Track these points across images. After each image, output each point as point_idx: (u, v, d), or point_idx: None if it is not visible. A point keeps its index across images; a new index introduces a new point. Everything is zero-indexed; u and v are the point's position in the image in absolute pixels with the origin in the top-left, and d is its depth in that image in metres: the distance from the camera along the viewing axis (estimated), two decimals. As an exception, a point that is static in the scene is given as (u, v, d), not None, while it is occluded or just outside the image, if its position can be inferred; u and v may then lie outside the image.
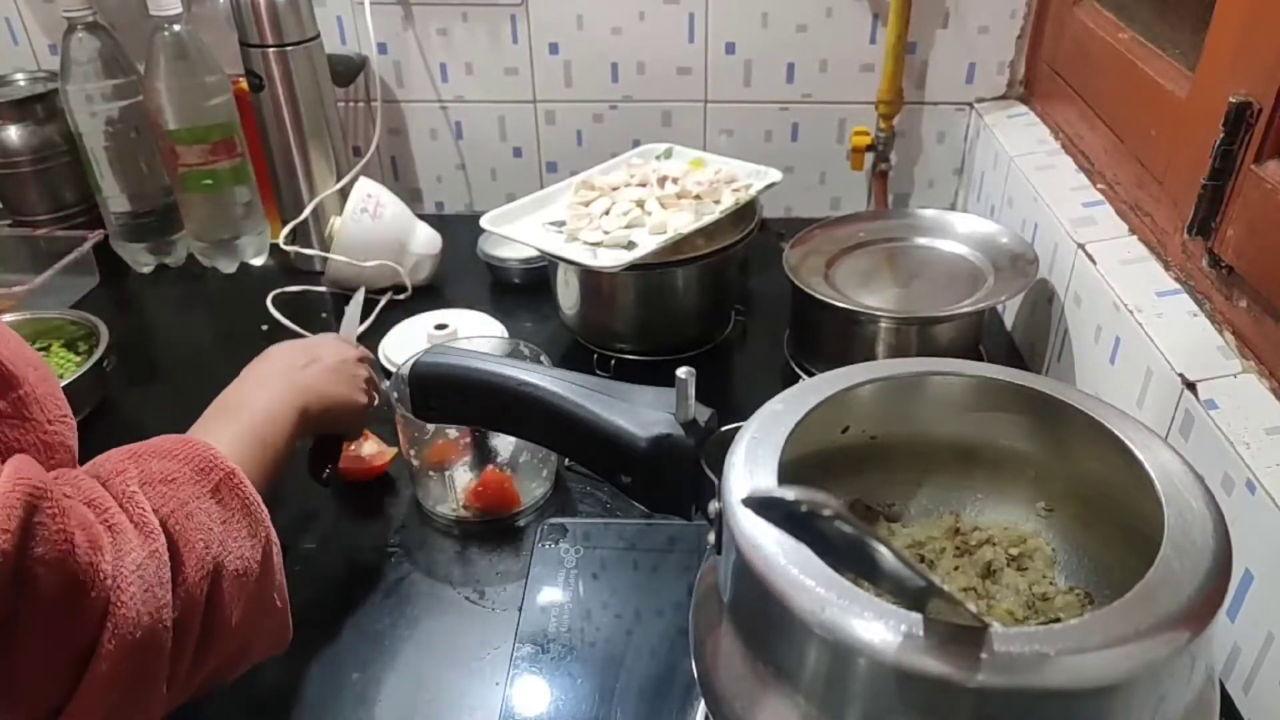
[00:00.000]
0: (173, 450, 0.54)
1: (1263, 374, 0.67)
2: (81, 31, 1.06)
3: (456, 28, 1.24)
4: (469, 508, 0.80)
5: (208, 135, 1.10)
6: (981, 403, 0.57)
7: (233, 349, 1.07)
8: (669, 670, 0.66)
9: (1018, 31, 1.18)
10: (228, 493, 0.54)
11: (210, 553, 0.51)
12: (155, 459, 0.52)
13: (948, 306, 0.90)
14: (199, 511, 0.51)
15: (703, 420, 0.57)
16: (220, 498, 0.53)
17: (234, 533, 0.53)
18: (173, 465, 0.52)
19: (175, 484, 0.52)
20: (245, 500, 0.55)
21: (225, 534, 0.52)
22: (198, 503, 0.52)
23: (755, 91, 1.25)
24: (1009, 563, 0.56)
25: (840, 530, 0.35)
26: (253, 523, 0.55)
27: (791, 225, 1.09)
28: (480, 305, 1.08)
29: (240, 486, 0.55)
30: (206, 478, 0.53)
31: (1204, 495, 0.46)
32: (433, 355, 0.66)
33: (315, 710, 0.65)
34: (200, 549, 0.50)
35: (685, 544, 0.77)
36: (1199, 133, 0.74)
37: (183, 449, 0.54)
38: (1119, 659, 0.38)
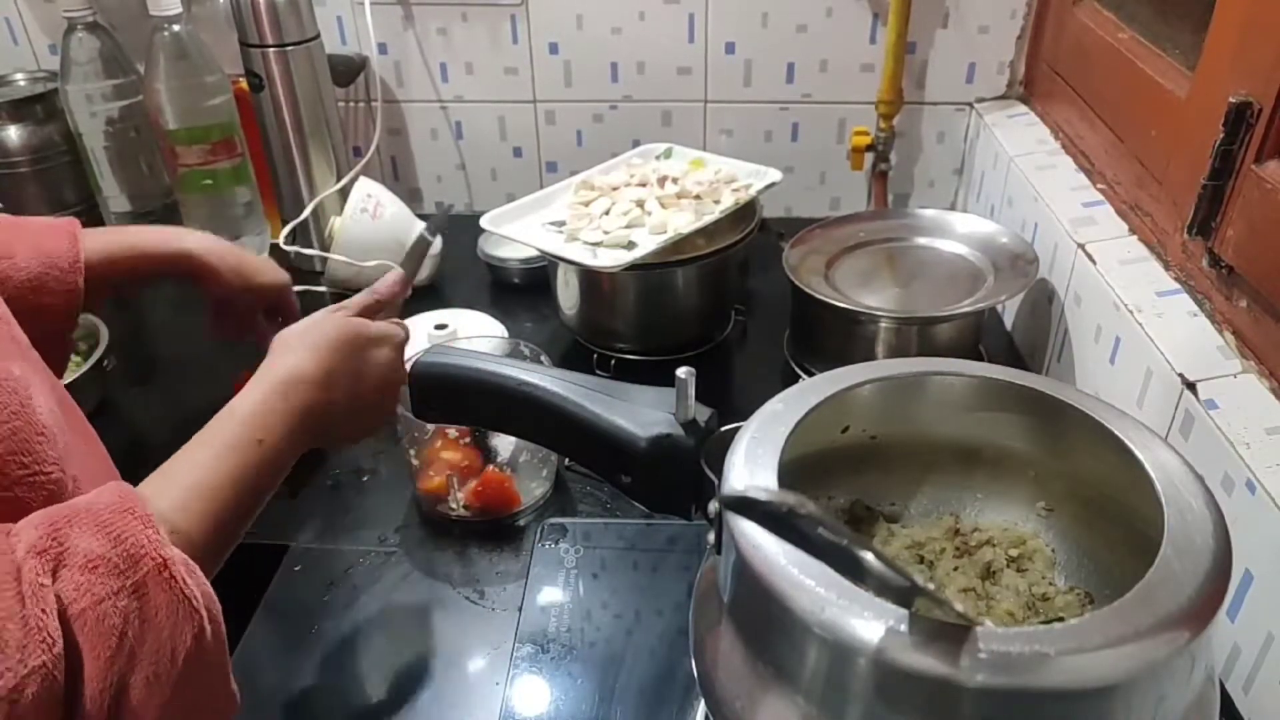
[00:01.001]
0: (107, 524, 0.47)
1: (1263, 374, 0.67)
2: (81, 31, 1.06)
3: (456, 28, 1.24)
4: (469, 508, 0.80)
5: (208, 135, 1.10)
6: (981, 403, 0.57)
7: (232, 349, 1.07)
8: (669, 670, 0.66)
9: (1018, 31, 1.18)
10: (154, 588, 0.47)
11: (117, 662, 0.45)
12: (87, 534, 0.46)
13: (948, 306, 0.90)
14: (113, 611, 0.45)
15: (703, 420, 0.57)
16: (144, 594, 0.47)
17: (152, 632, 0.47)
18: (101, 546, 0.46)
19: (96, 573, 0.45)
20: (174, 596, 0.47)
21: (141, 634, 0.46)
22: (114, 600, 0.45)
23: (755, 91, 1.25)
24: (1009, 564, 0.56)
25: (820, 532, 0.36)
26: (180, 619, 0.48)
27: (791, 225, 1.09)
28: (480, 305, 1.08)
29: (171, 581, 0.47)
30: (134, 569, 0.47)
31: (1204, 495, 0.46)
32: (433, 355, 0.66)
33: (315, 710, 0.65)
34: (105, 657, 0.45)
35: (685, 544, 0.77)
36: (1199, 133, 0.74)
37: (118, 525, 0.47)
38: (1119, 659, 0.38)
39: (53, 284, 0.72)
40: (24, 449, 0.50)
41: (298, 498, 0.80)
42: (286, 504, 0.83)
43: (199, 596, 0.48)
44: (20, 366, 0.53)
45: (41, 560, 0.44)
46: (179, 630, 0.47)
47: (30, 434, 0.50)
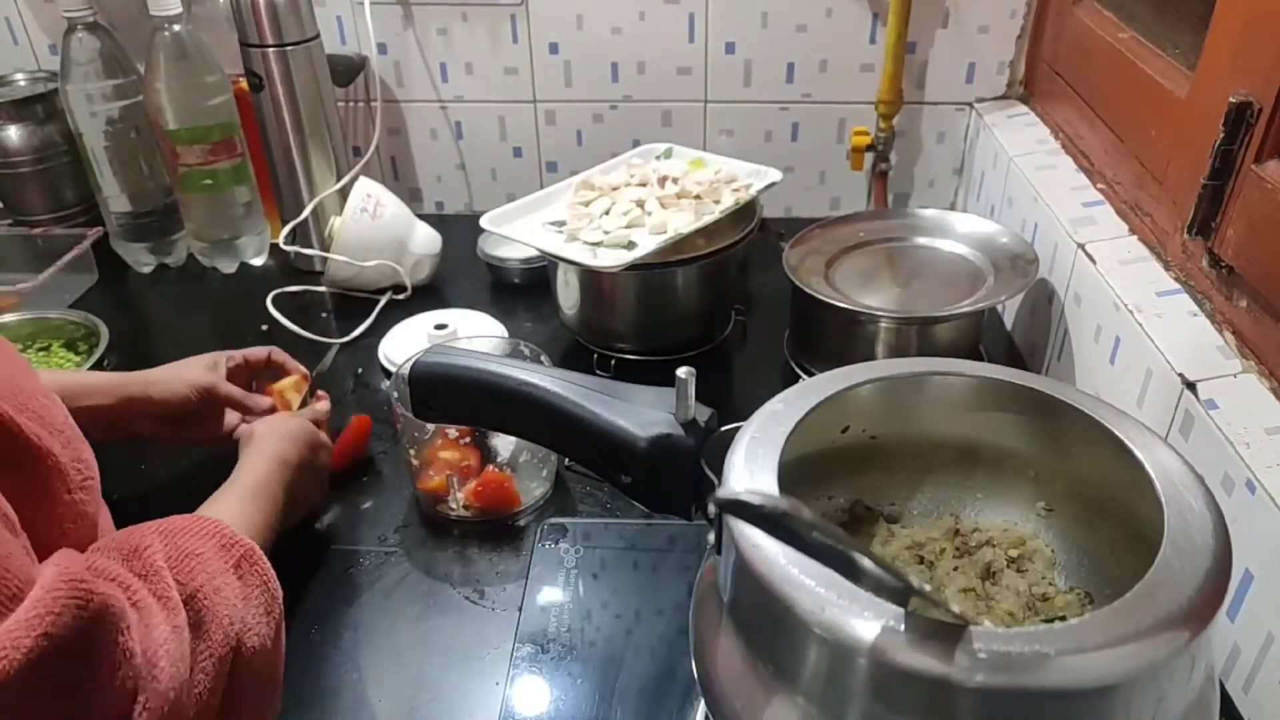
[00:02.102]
0: (192, 527, 0.55)
1: (1263, 374, 0.67)
2: (81, 31, 1.06)
3: (456, 28, 1.24)
4: (469, 508, 0.80)
5: (208, 135, 1.10)
6: (981, 403, 0.57)
7: (233, 349, 1.07)
8: (669, 670, 0.66)
9: (1018, 31, 1.18)
10: (248, 569, 0.55)
11: (234, 628, 0.52)
12: (180, 535, 0.53)
13: (948, 306, 0.90)
14: (224, 587, 0.53)
15: (703, 420, 0.57)
16: (241, 574, 0.55)
17: (253, 609, 0.54)
18: (196, 542, 0.54)
19: (201, 559, 0.53)
20: (264, 578, 0.56)
21: (246, 610, 0.54)
22: (223, 578, 0.53)
23: (755, 91, 1.25)
24: (1009, 564, 0.56)
25: (814, 536, 0.36)
26: (269, 600, 0.56)
27: (791, 225, 1.09)
28: (480, 305, 1.08)
29: (259, 564, 0.56)
30: (229, 554, 0.55)
31: (1204, 495, 0.46)
32: (433, 355, 0.66)
33: (315, 710, 0.65)
34: (226, 624, 0.51)
35: (685, 544, 0.77)
36: (1199, 133, 0.74)
37: (202, 526, 0.55)
38: (1119, 659, 0.38)
39: None
40: (78, 455, 0.54)
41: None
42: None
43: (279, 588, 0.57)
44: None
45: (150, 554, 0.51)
46: (270, 610, 0.56)
47: (78, 441, 0.54)
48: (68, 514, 0.51)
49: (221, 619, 0.51)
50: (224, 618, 0.51)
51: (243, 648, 0.52)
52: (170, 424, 0.79)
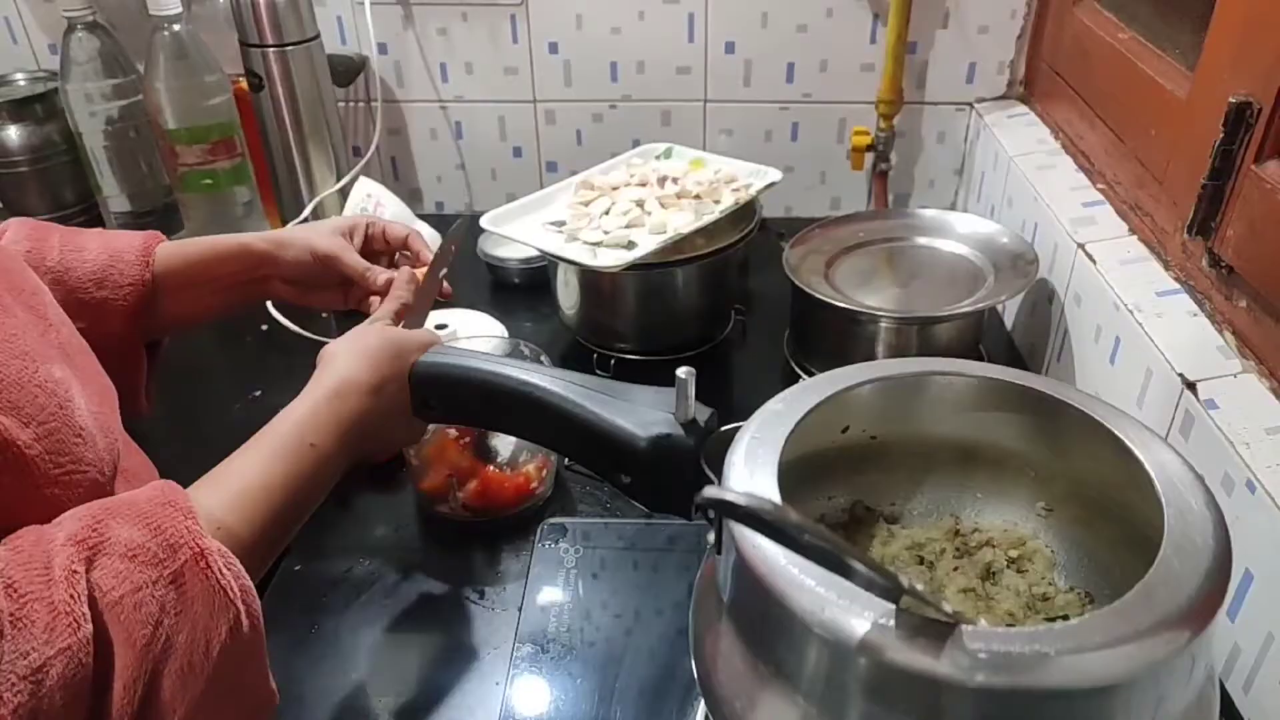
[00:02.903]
0: (148, 515, 0.48)
1: (1263, 374, 0.67)
2: (81, 31, 1.06)
3: (456, 27, 1.24)
4: (469, 508, 0.80)
5: (208, 135, 1.10)
6: (981, 403, 0.57)
7: (232, 349, 1.07)
8: (669, 670, 0.66)
9: (1018, 31, 1.18)
10: (191, 578, 0.48)
11: (151, 651, 0.45)
12: (127, 524, 0.48)
13: (948, 306, 0.90)
14: (150, 600, 0.46)
15: (703, 420, 0.57)
16: (181, 584, 0.47)
17: (187, 623, 0.47)
18: (139, 535, 0.47)
19: (134, 561, 0.46)
20: (210, 587, 0.48)
21: (177, 624, 0.47)
22: (151, 589, 0.46)
23: (755, 91, 1.25)
24: (1009, 564, 0.56)
25: (803, 536, 0.36)
26: (215, 610, 0.48)
27: (791, 225, 1.09)
28: (480, 305, 1.08)
29: (207, 572, 0.48)
30: (173, 558, 0.47)
31: (1204, 495, 0.45)
32: (433, 355, 0.66)
33: (315, 710, 0.65)
34: (140, 646, 0.45)
35: (685, 544, 0.77)
36: (1199, 133, 0.74)
37: (158, 516, 0.49)
38: (1119, 659, 0.38)
39: (116, 276, 0.71)
40: (60, 449, 0.51)
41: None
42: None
43: (235, 589, 0.49)
44: (62, 370, 0.54)
45: (78, 548, 0.45)
46: (214, 622, 0.48)
47: (68, 435, 0.51)
48: (40, 508, 0.48)
49: (135, 639, 0.45)
50: (138, 638, 0.45)
51: (164, 671, 0.46)
52: (298, 288, 0.78)
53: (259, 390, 0.97)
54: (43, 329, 0.56)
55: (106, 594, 0.45)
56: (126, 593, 0.45)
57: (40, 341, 0.54)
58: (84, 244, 0.72)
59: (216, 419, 0.95)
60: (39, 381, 0.51)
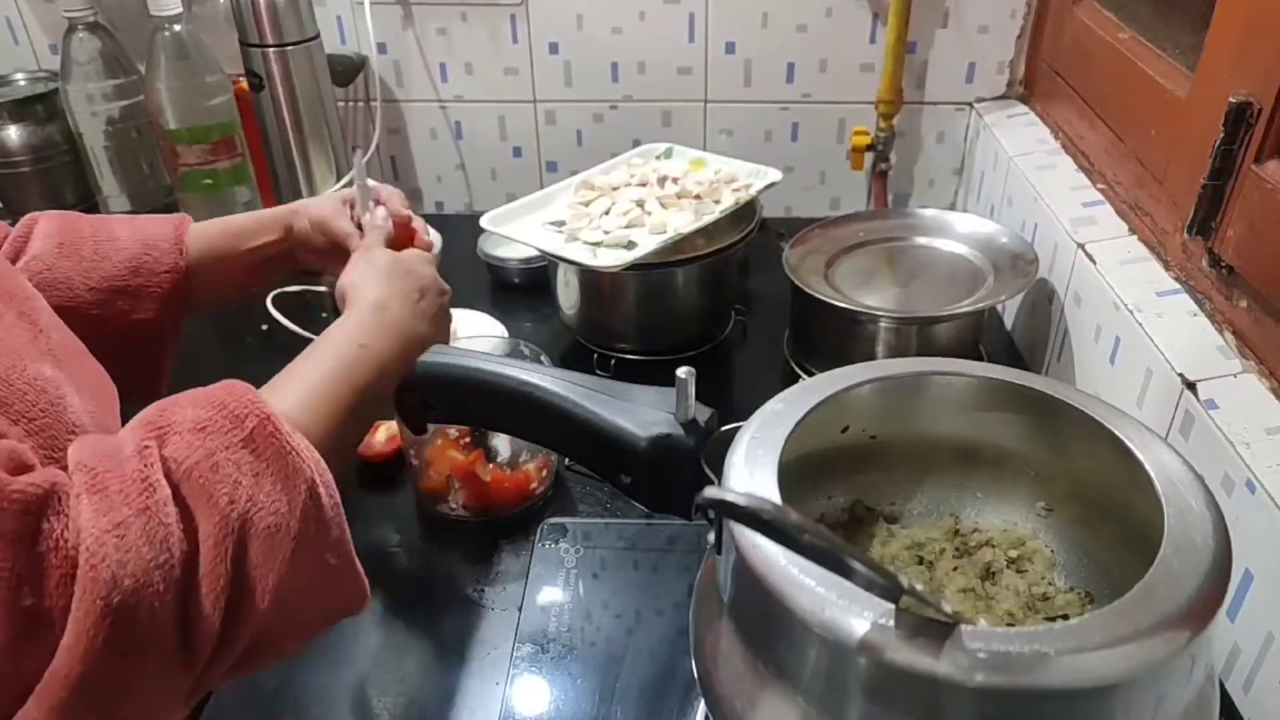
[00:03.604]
0: (211, 397, 0.50)
1: (1263, 374, 0.67)
2: (82, 31, 1.07)
3: (456, 27, 1.24)
4: (469, 508, 0.80)
5: (208, 135, 1.10)
6: (981, 403, 0.57)
7: (232, 349, 1.07)
8: (669, 670, 0.66)
9: (1018, 31, 1.18)
10: (263, 441, 0.49)
11: (236, 509, 0.46)
12: (192, 406, 0.49)
13: (948, 306, 0.90)
14: (226, 463, 0.47)
15: (703, 420, 0.57)
16: (254, 447, 0.48)
17: (268, 487, 0.48)
18: (206, 413, 0.49)
19: (204, 432, 0.48)
20: (280, 448, 0.49)
21: (256, 488, 0.47)
22: (226, 453, 0.47)
23: (755, 91, 1.25)
24: (1008, 564, 0.56)
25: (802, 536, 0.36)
26: (290, 471, 0.49)
27: (791, 225, 1.09)
28: (480, 305, 1.08)
29: (275, 434, 0.49)
30: (240, 425, 0.49)
31: (1204, 495, 0.46)
32: (433, 355, 0.66)
33: (315, 710, 0.65)
34: (224, 505, 0.46)
35: (685, 544, 0.77)
36: (1199, 132, 0.74)
37: (221, 394, 0.50)
38: (1119, 659, 0.38)
39: (151, 264, 0.72)
40: (53, 445, 0.51)
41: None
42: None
43: (306, 453, 0.50)
44: (53, 370, 0.55)
45: (147, 430, 0.47)
46: (292, 483, 0.49)
47: (61, 431, 0.52)
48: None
49: (217, 500, 0.46)
50: (220, 498, 0.46)
51: (252, 530, 0.47)
52: (318, 255, 0.79)
53: (259, 390, 0.97)
54: (33, 334, 0.57)
55: (181, 464, 0.46)
56: (202, 458, 0.47)
57: (30, 345, 0.55)
58: (116, 232, 0.73)
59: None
60: (28, 379, 0.51)
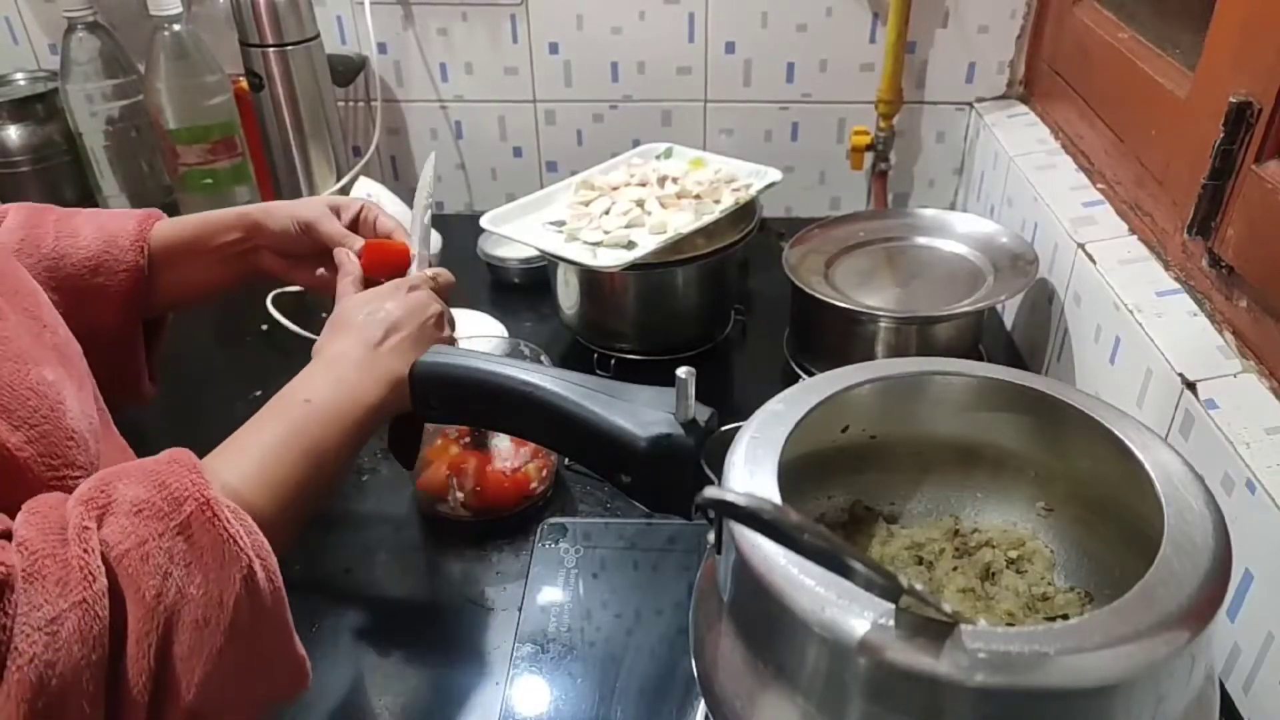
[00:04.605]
0: (154, 473, 0.49)
1: (1263, 374, 0.67)
2: (81, 31, 1.07)
3: (456, 27, 1.24)
4: (469, 508, 0.80)
5: (208, 135, 1.10)
6: (981, 403, 0.57)
7: (233, 349, 1.07)
8: (669, 670, 0.66)
9: (1018, 31, 1.18)
10: (199, 528, 0.47)
11: (163, 603, 0.45)
12: (134, 483, 0.48)
13: (947, 306, 0.90)
14: (157, 552, 0.46)
15: (703, 420, 0.57)
16: (189, 535, 0.47)
17: (199, 573, 0.47)
18: (146, 492, 0.48)
19: (141, 516, 0.46)
20: (216, 536, 0.47)
21: (187, 579, 0.46)
22: (158, 541, 0.46)
23: (755, 91, 1.25)
24: (1008, 565, 0.56)
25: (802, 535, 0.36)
26: (226, 561, 0.47)
27: (791, 225, 1.09)
28: (480, 305, 1.08)
29: (212, 520, 0.47)
30: (178, 510, 0.47)
31: (1204, 495, 0.46)
32: (433, 355, 0.66)
33: (316, 710, 0.65)
34: (150, 599, 0.45)
35: (685, 544, 0.77)
36: (1199, 132, 0.74)
37: (165, 472, 0.49)
38: (1119, 659, 0.38)
39: (111, 263, 0.71)
40: (53, 452, 0.51)
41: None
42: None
43: (246, 540, 0.48)
44: (55, 372, 0.54)
45: (87, 507, 0.46)
46: (226, 573, 0.48)
47: (60, 438, 0.52)
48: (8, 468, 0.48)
49: (144, 592, 0.44)
50: (147, 590, 0.45)
51: (178, 623, 0.45)
52: (286, 261, 0.77)
53: (259, 390, 0.97)
54: (37, 330, 0.56)
55: (114, 548, 0.45)
56: (133, 546, 0.46)
57: (34, 344, 0.55)
58: (78, 228, 0.72)
59: (216, 419, 0.94)
60: (31, 384, 0.51)
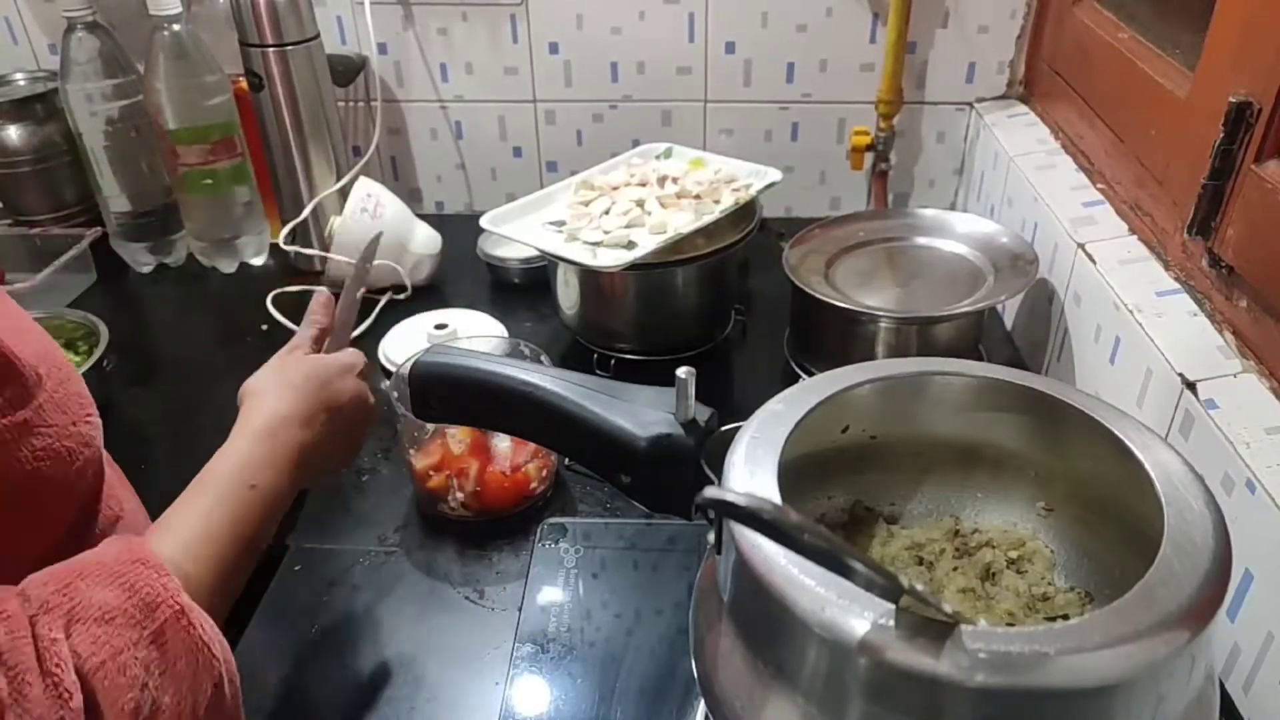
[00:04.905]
0: (120, 575, 0.47)
1: (1263, 374, 0.67)
2: (81, 31, 1.06)
3: (456, 27, 1.24)
4: (469, 508, 0.80)
5: (208, 135, 1.10)
6: (981, 403, 0.57)
7: (233, 349, 1.07)
8: (669, 670, 0.66)
9: (1018, 31, 1.18)
10: (172, 636, 0.46)
11: (140, 715, 0.44)
12: (98, 586, 0.46)
13: (948, 306, 0.90)
14: (133, 663, 0.45)
15: (703, 420, 0.57)
16: (163, 643, 0.46)
17: (172, 683, 0.46)
18: (114, 597, 0.46)
19: (112, 625, 0.45)
20: (193, 644, 0.47)
21: (162, 685, 0.45)
22: (133, 651, 0.45)
23: (755, 91, 1.25)
24: (1008, 565, 0.56)
25: (805, 537, 0.36)
26: (200, 669, 0.47)
27: (791, 225, 1.09)
28: (480, 305, 1.08)
29: (189, 629, 0.47)
30: (151, 618, 0.46)
31: (1204, 495, 0.46)
32: (433, 355, 0.66)
33: (315, 710, 0.65)
34: (128, 711, 0.44)
35: (685, 544, 0.77)
36: (1199, 132, 0.74)
37: (131, 575, 0.47)
38: (1119, 659, 0.38)
39: None
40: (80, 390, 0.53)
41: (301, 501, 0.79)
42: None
43: (216, 646, 0.48)
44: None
45: (51, 617, 0.44)
46: (199, 680, 0.47)
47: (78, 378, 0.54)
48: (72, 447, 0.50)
49: (123, 704, 0.43)
50: (126, 703, 0.44)
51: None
52: None
53: (259, 390, 0.97)
54: None
55: (87, 660, 0.43)
56: (108, 658, 0.44)
57: None
58: None
59: (216, 419, 0.94)
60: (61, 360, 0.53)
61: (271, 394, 0.64)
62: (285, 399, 0.63)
